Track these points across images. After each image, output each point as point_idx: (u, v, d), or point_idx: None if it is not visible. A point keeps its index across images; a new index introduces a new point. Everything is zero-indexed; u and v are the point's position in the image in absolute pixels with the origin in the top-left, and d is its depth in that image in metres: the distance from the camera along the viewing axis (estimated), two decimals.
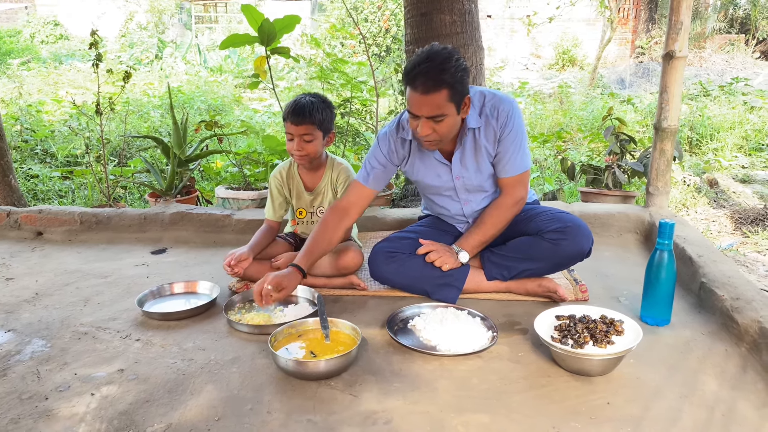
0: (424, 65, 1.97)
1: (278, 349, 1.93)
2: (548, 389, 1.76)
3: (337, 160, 2.64)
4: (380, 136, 2.39)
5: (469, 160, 2.29)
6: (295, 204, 2.67)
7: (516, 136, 2.23)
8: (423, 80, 1.97)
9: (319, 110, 2.42)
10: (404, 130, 2.31)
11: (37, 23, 18.57)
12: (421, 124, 2.05)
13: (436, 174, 2.35)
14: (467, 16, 3.70)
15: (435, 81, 1.97)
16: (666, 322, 2.14)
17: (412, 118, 2.08)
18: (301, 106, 2.39)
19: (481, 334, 2.03)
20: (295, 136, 2.42)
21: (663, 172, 3.07)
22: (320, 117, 2.42)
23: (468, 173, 2.32)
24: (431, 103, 2.00)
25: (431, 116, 2.03)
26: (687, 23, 2.84)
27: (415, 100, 2.01)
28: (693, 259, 2.45)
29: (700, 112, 7.26)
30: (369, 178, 2.36)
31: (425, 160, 2.34)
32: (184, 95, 9.33)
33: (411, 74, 1.99)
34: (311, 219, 2.67)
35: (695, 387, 1.76)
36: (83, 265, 2.88)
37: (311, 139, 2.43)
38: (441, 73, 1.97)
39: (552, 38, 15.38)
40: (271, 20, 3.45)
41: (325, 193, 2.62)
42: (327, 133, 2.50)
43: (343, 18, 12.66)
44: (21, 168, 5.47)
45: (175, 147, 3.81)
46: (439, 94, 1.99)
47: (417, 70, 1.97)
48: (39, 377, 1.88)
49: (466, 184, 2.35)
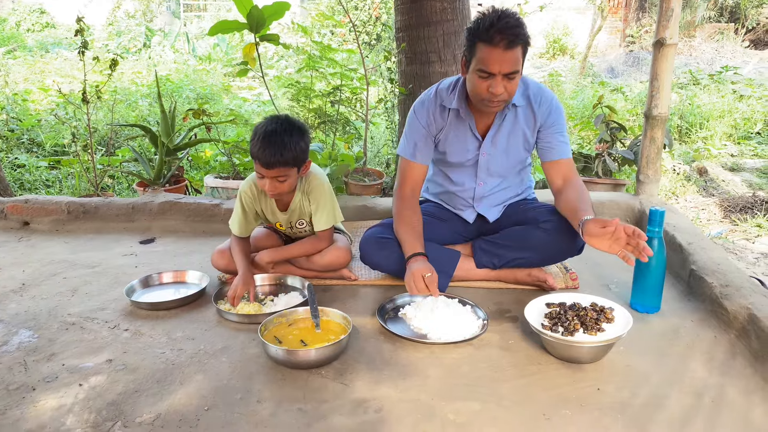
0: (503, 21, 1.96)
1: (268, 338, 1.92)
2: (538, 377, 1.76)
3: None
4: (416, 107, 2.34)
5: (502, 139, 2.28)
6: (271, 219, 2.48)
7: (561, 121, 2.25)
8: (505, 35, 1.95)
9: (293, 147, 2.15)
10: (444, 99, 2.28)
11: (23, 11, 18.29)
12: (496, 83, 2.01)
13: (465, 147, 2.32)
14: (458, 3, 3.67)
15: (516, 35, 1.96)
16: (656, 310, 2.15)
17: (482, 77, 2.02)
18: (272, 148, 2.12)
19: (472, 322, 2.03)
20: (267, 178, 2.21)
21: (653, 160, 3.08)
22: (294, 154, 2.17)
23: (496, 152, 2.30)
24: (512, 58, 1.98)
25: (509, 72, 2.00)
26: (678, 10, 2.83)
27: (495, 56, 1.97)
28: (683, 246, 2.46)
29: (690, 100, 7.27)
30: (416, 154, 2.33)
31: (459, 130, 2.30)
32: (173, 84, 9.23)
33: (491, 31, 1.95)
34: (292, 232, 2.54)
35: (684, 373, 1.77)
36: (71, 255, 2.85)
37: (285, 179, 2.21)
38: (519, 28, 1.97)
39: (542, 27, 15.32)
40: (261, 7, 3.41)
41: (302, 206, 2.41)
42: (302, 165, 2.26)
43: (333, 6, 12.56)
44: (7, 158, 5.40)
45: (163, 136, 3.77)
46: (517, 48, 1.98)
47: (498, 25, 1.94)
48: (26, 368, 1.86)
49: (489, 163, 2.33)
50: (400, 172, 2.38)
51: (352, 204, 3.20)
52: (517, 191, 2.49)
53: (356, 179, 3.57)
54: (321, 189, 2.38)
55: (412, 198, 2.33)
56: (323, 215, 2.38)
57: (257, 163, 2.20)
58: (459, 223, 2.49)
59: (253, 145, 2.18)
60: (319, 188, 2.37)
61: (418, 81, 3.81)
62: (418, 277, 2.03)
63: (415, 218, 2.27)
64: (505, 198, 2.46)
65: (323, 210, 2.38)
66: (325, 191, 2.38)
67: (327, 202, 2.38)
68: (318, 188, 2.37)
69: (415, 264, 2.09)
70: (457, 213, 2.49)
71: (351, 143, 4.32)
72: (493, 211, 2.45)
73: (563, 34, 15.23)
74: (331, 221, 2.40)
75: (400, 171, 2.39)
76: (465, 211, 2.47)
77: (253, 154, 2.20)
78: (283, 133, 2.14)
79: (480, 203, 2.44)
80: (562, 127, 2.26)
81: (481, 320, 2.06)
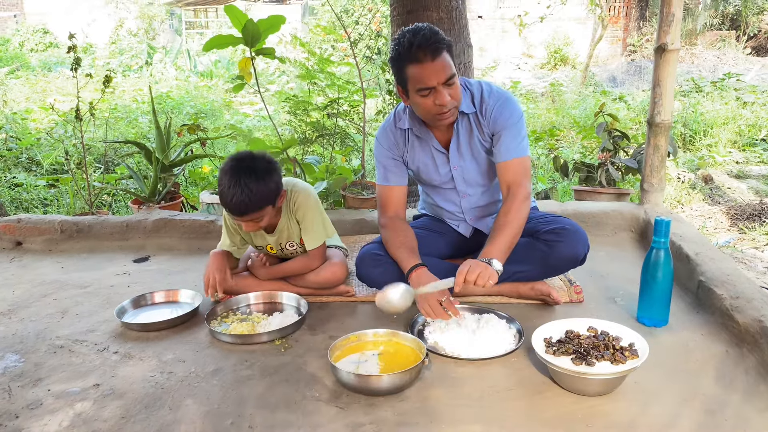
0: (419, 36, 1.95)
1: (339, 361, 1.83)
2: (543, 396, 1.68)
3: (288, 185, 2.32)
4: (378, 134, 2.33)
5: (464, 148, 2.23)
6: (259, 243, 2.41)
7: (510, 120, 2.14)
8: (428, 47, 1.95)
9: (261, 190, 2.07)
10: (401, 120, 2.26)
11: (27, 31, 18.46)
12: (439, 94, 2.00)
13: (434, 164, 2.28)
14: (454, 13, 3.64)
15: (437, 42, 1.96)
16: (664, 323, 2.07)
17: (424, 95, 2.01)
18: (239, 198, 2.03)
19: (499, 337, 1.97)
20: (243, 223, 2.17)
21: (657, 168, 3.01)
22: (263, 196, 2.08)
23: (464, 162, 2.25)
24: (443, 65, 1.97)
25: (446, 80, 1.99)
26: (679, 15, 2.78)
27: (426, 70, 1.97)
28: (690, 257, 2.38)
29: (693, 108, 7.21)
30: (389, 177, 2.30)
31: (424, 149, 2.28)
32: (173, 100, 9.24)
33: (413, 49, 1.95)
34: (283, 254, 2.44)
35: (696, 390, 1.69)
36: (62, 275, 2.79)
37: (260, 218, 2.14)
38: (436, 35, 1.97)
39: (543, 37, 15.35)
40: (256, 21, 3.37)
41: (289, 227, 2.33)
42: (276, 199, 2.17)
43: (333, 21, 12.60)
44: (5, 177, 5.37)
45: (158, 152, 3.73)
46: (443, 54, 1.98)
47: (417, 42, 1.94)
48: (10, 394, 1.79)
49: (464, 173, 2.28)
50: (379, 200, 2.34)
51: (350, 217, 3.13)
52: None
53: (354, 192, 3.51)
54: (306, 206, 2.30)
55: (397, 221, 2.28)
56: (312, 233, 2.31)
57: (227, 211, 2.15)
58: (457, 236, 2.43)
59: (220, 193, 2.10)
60: (305, 205, 2.30)
61: None
62: (435, 304, 1.97)
63: (403, 236, 2.20)
64: (497, 209, 2.39)
65: (311, 228, 2.31)
66: (311, 207, 2.31)
67: (315, 219, 2.31)
68: (303, 206, 2.30)
69: (419, 281, 2.02)
70: (453, 227, 2.43)
71: (349, 156, 4.26)
72: (486, 222, 2.39)
73: (564, 45, 15.24)
74: (322, 238, 2.34)
75: (379, 198, 2.34)
76: (459, 226, 2.43)
77: (222, 204, 2.12)
78: (248, 179, 2.04)
79: (471, 215, 2.38)
80: (509, 124, 2.14)
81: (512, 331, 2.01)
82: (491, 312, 2.11)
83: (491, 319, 2.05)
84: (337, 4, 12.43)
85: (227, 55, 14.29)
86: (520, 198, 2.10)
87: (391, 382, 1.70)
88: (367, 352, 1.89)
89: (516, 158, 2.13)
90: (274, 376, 1.84)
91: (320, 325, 2.17)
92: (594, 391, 1.67)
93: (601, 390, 1.67)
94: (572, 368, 1.67)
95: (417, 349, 1.86)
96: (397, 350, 1.90)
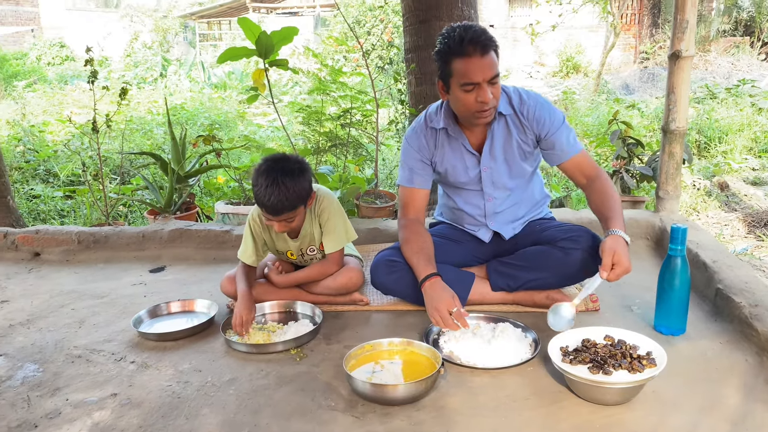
0: (470, 32, 1.99)
1: (354, 370, 1.83)
2: (560, 405, 1.67)
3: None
4: (408, 135, 2.34)
5: (498, 150, 2.23)
6: (281, 248, 2.42)
7: (557, 120, 2.18)
8: (477, 43, 1.98)
9: (297, 189, 2.12)
10: (432, 121, 2.27)
11: (43, 45, 18.76)
12: (482, 91, 2.02)
13: (464, 165, 2.28)
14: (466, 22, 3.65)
15: (487, 40, 2.00)
16: (681, 332, 2.05)
17: (468, 90, 2.03)
18: (276, 197, 2.08)
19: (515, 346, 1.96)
20: (275, 222, 2.20)
21: (673, 175, 2.99)
22: (298, 195, 2.14)
23: (496, 164, 2.25)
24: (490, 63, 2.00)
25: (491, 77, 2.01)
26: (693, 22, 2.77)
27: (474, 65, 1.99)
28: (707, 264, 2.36)
29: (708, 114, 7.17)
30: (414, 179, 2.30)
31: (454, 149, 2.27)
32: (188, 112, 9.33)
33: (463, 44, 1.98)
34: (303, 260, 2.46)
35: (715, 400, 1.66)
36: (80, 285, 2.82)
37: (294, 217, 2.20)
38: (486, 34, 2.01)
39: (555, 46, 15.34)
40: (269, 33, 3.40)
41: (312, 231, 2.35)
42: (308, 199, 2.23)
43: (345, 32, 12.67)
44: (23, 188, 5.44)
45: (173, 163, 3.76)
46: (491, 53, 2.02)
47: (468, 37, 1.98)
48: (29, 403, 1.81)
49: (493, 176, 2.27)
50: (401, 201, 2.34)
51: (364, 227, 3.14)
52: (531, 207, 2.41)
53: (368, 201, 3.52)
54: (330, 209, 2.33)
55: (417, 223, 2.28)
56: (333, 236, 2.33)
57: (263, 211, 2.18)
58: (474, 244, 2.41)
59: (255, 193, 2.14)
60: (328, 209, 2.33)
61: (428, 101, 3.76)
62: (446, 315, 1.96)
63: (422, 241, 2.21)
64: (519, 214, 2.38)
65: (333, 230, 2.33)
66: (334, 211, 2.34)
67: (337, 223, 2.33)
68: (327, 209, 2.33)
69: (432, 291, 2.02)
70: (471, 233, 2.42)
71: (362, 165, 4.28)
72: (508, 227, 2.37)
73: (576, 53, 15.22)
74: (342, 242, 2.35)
75: (401, 200, 2.35)
76: (479, 230, 2.40)
77: (258, 203, 2.17)
78: (284, 178, 2.10)
79: (493, 220, 2.37)
80: (557, 125, 2.18)
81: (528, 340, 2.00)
82: (506, 321, 2.10)
83: (507, 328, 2.04)
84: (349, 15, 12.51)
85: (240, 67, 14.42)
86: (602, 182, 2.16)
87: (406, 392, 1.70)
88: (382, 361, 1.89)
89: (580, 151, 2.20)
90: (289, 385, 1.84)
91: (335, 335, 2.17)
92: (611, 400, 1.65)
93: (618, 399, 1.65)
94: (589, 377, 1.65)
95: (432, 359, 1.85)
96: (413, 359, 1.90)
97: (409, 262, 2.19)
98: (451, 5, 3.65)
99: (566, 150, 2.19)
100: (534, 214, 2.42)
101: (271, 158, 2.19)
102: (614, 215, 2.04)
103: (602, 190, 2.14)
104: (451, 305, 1.97)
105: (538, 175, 2.43)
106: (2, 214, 3.81)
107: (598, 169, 2.21)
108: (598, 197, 2.14)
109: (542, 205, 2.46)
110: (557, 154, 2.20)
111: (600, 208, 2.12)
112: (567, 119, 2.25)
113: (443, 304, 1.97)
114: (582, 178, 2.22)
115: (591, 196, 2.18)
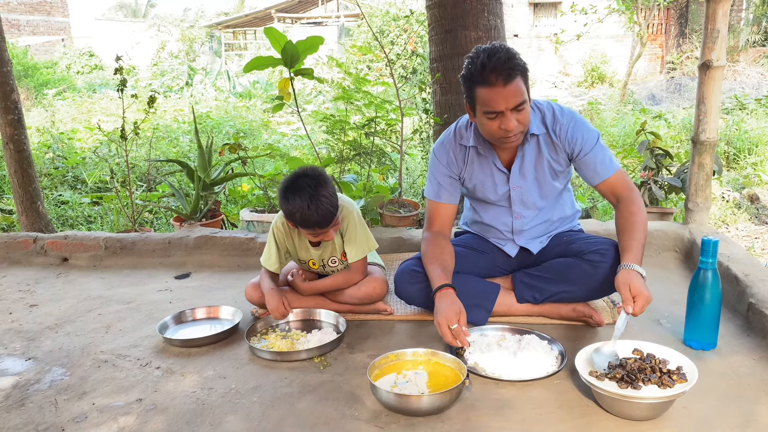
0: (494, 58, 1.92)
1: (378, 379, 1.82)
2: (588, 420, 1.64)
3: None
4: (436, 149, 2.29)
5: (529, 169, 2.20)
6: (303, 257, 2.43)
7: (592, 138, 2.13)
8: (501, 72, 1.91)
9: (333, 197, 2.17)
10: (462, 137, 2.23)
11: (73, 55, 19.16)
12: (506, 119, 1.97)
13: (492, 182, 2.24)
14: (493, 32, 3.64)
15: (511, 68, 1.93)
16: (712, 347, 2.00)
17: (491, 118, 1.99)
18: (324, 215, 2.12)
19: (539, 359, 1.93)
20: (329, 232, 2.22)
21: (702, 187, 2.94)
22: (336, 202, 2.19)
23: (526, 183, 2.21)
24: (514, 92, 1.94)
25: (516, 106, 1.96)
26: (724, 31, 2.72)
27: (496, 94, 1.94)
28: (739, 278, 2.31)
29: (737, 126, 7.05)
30: (440, 194, 2.27)
31: (484, 167, 2.24)
32: (213, 120, 9.44)
33: (485, 72, 1.92)
34: (325, 270, 2.45)
35: (749, 418, 1.62)
36: (107, 290, 2.86)
37: (336, 224, 2.24)
38: (512, 60, 1.94)
39: (580, 56, 15.26)
40: (295, 42, 3.43)
41: (333, 241, 2.34)
42: (337, 201, 2.26)
43: (369, 42, 12.75)
44: (51, 194, 5.54)
45: (199, 170, 3.80)
46: (517, 80, 1.95)
47: (490, 65, 1.91)
48: (57, 407, 1.83)
49: (523, 195, 2.24)
50: (428, 213, 2.32)
51: (388, 236, 3.13)
52: (561, 221, 2.37)
53: (391, 210, 3.51)
54: (351, 218, 2.33)
55: (440, 236, 2.25)
56: (355, 245, 2.33)
57: (309, 231, 2.20)
58: (499, 255, 2.38)
59: (301, 216, 2.14)
60: (349, 217, 2.33)
61: (453, 111, 3.76)
62: (446, 329, 1.93)
63: (440, 253, 2.18)
64: (548, 230, 2.35)
65: (354, 239, 2.32)
66: (354, 220, 2.33)
67: (358, 232, 2.33)
68: (347, 217, 2.33)
69: (440, 302, 1.99)
70: (498, 246, 2.39)
71: (386, 174, 4.28)
72: (535, 242, 2.34)
73: (601, 62, 15.11)
74: (365, 250, 2.35)
75: (427, 212, 2.33)
76: (506, 245, 2.37)
77: (305, 225, 2.17)
78: (320, 190, 2.13)
79: (520, 236, 2.33)
80: (592, 144, 2.13)
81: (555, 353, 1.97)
82: (532, 333, 2.07)
83: (532, 340, 2.01)
84: (373, 25, 12.58)
85: (265, 77, 14.57)
86: (631, 206, 2.08)
87: (431, 403, 1.68)
88: (406, 372, 1.88)
89: (617, 171, 2.14)
90: (313, 393, 1.84)
91: (359, 344, 2.17)
92: (641, 415, 1.62)
93: (647, 415, 1.62)
94: (618, 392, 1.62)
95: (457, 370, 1.83)
96: (437, 370, 1.88)
97: (427, 272, 2.17)
98: (478, 15, 3.64)
99: (599, 172, 2.13)
100: (563, 227, 2.39)
101: (295, 176, 2.19)
102: (631, 247, 1.97)
103: (627, 216, 2.06)
104: (452, 320, 1.92)
105: (569, 189, 2.38)
106: (32, 219, 3.89)
107: (631, 191, 2.12)
108: (622, 223, 2.07)
109: (573, 220, 2.42)
110: (590, 175, 2.15)
111: (621, 235, 2.05)
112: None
113: (444, 319, 1.93)
114: (613, 198, 2.16)
115: (617, 218, 2.11)
